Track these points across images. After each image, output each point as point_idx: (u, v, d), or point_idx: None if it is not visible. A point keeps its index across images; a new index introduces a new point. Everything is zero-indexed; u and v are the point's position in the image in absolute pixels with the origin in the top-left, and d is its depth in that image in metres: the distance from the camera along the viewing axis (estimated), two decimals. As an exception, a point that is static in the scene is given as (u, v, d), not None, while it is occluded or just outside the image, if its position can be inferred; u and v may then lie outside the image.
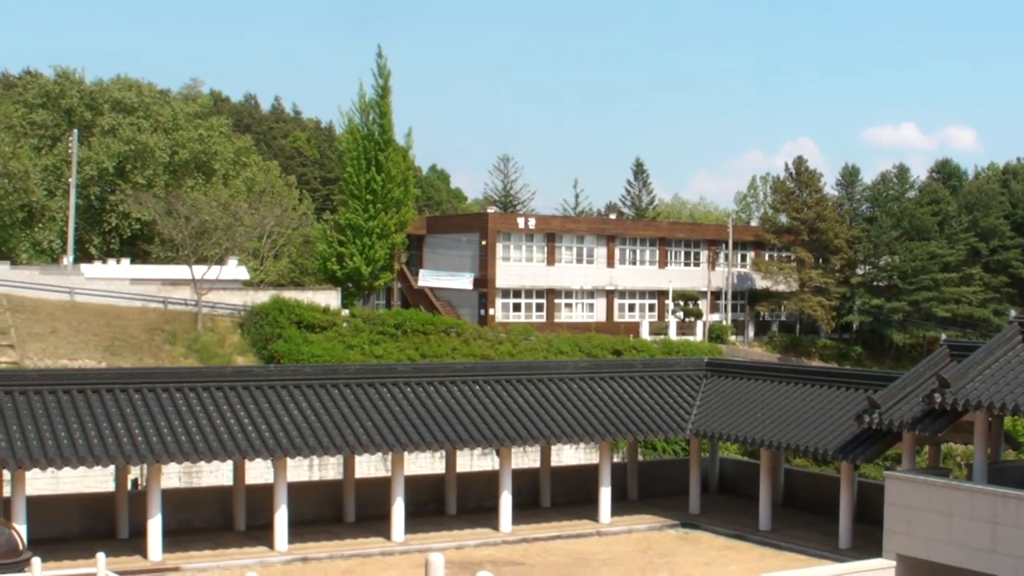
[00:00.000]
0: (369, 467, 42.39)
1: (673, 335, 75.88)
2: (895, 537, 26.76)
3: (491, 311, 75.56)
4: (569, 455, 47.59)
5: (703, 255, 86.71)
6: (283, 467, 28.40)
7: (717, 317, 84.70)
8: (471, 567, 26.80)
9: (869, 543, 28.36)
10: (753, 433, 30.82)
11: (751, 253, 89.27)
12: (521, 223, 78.99)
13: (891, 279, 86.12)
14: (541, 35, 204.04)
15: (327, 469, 44.76)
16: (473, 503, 33.52)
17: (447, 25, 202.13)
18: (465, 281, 77.09)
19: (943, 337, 42.55)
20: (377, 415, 29.46)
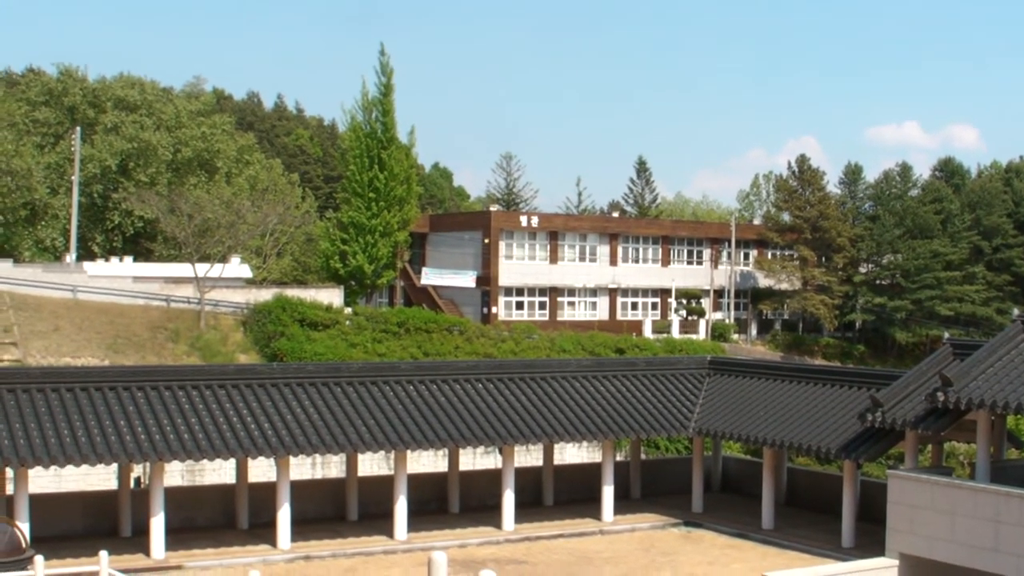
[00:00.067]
0: (372, 465, 42.43)
1: (676, 333, 75.77)
2: (898, 536, 26.74)
3: (494, 309, 75.56)
4: (572, 453, 47.59)
5: (706, 253, 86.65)
6: (286, 465, 28.40)
7: (720, 315, 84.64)
8: (474, 566, 26.80)
9: (872, 542, 28.31)
10: (756, 432, 30.79)
11: (754, 251, 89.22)
12: (524, 221, 78.98)
13: (894, 277, 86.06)
14: (542, 35, 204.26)
15: (330, 467, 44.73)
16: (476, 501, 33.49)
17: (448, 25, 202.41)
18: (468, 279, 77.06)
19: (946, 336, 42.56)
20: (380, 413, 29.47)
